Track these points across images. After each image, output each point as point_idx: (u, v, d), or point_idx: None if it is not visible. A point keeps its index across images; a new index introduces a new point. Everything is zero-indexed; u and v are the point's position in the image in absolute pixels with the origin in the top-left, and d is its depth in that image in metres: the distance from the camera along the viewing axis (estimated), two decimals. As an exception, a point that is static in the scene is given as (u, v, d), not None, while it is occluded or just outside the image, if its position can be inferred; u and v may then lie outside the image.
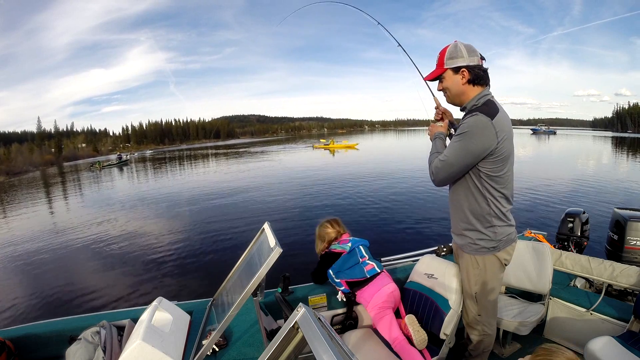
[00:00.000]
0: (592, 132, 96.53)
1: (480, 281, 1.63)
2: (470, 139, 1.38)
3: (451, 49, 1.47)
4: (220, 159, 34.80)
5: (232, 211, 9.84)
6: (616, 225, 3.07)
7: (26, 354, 1.65)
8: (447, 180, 1.53)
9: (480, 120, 1.37)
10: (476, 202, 1.50)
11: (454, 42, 1.48)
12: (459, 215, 1.60)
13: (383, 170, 17.37)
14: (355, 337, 1.90)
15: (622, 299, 2.24)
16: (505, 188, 1.48)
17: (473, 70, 1.44)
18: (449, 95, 1.55)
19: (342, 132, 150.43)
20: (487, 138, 1.36)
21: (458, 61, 1.45)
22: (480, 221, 1.52)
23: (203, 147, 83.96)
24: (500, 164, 1.43)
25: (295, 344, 0.70)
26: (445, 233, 6.58)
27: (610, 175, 13.86)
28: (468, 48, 1.45)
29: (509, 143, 1.43)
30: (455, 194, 1.58)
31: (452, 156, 1.44)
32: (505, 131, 1.40)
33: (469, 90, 1.48)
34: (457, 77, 1.46)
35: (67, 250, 7.49)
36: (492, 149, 1.38)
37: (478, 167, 1.44)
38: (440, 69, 1.50)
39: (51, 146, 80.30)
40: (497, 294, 1.69)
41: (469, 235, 1.57)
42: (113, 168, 33.34)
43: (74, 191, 19.60)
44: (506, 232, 1.54)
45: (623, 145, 36.24)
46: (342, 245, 2.06)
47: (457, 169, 1.46)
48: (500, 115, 1.40)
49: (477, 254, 1.58)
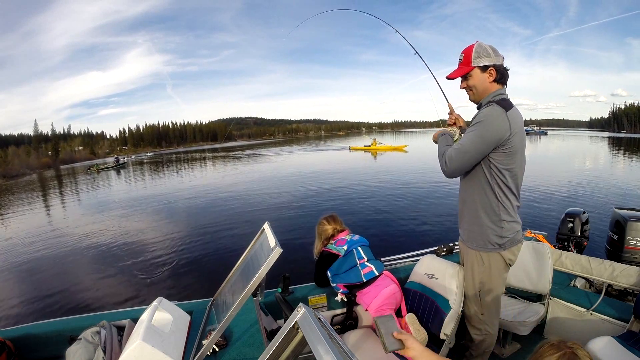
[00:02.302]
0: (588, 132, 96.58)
1: (485, 279, 1.64)
2: (485, 127, 1.43)
3: (477, 49, 1.50)
4: (221, 162, 34.76)
5: (233, 211, 9.83)
6: (616, 225, 3.07)
7: (26, 354, 1.65)
8: (460, 169, 1.54)
9: (495, 109, 1.42)
10: (485, 194, 1.53)
11: (477, 42, 1.52)
12: (468, 209, 1.62)
13: (383, 170, 17.36)
14: (355, 337, 1.90)
15: (622, 299, 2.24)
16: (514, 183, 1.52)
17: (499, 69, 1.50)
18: (473, 93, 1.58)
19: (342, 134, 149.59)
20: (501, 127, 1.41)
21: (485, 60, 1.49)
22: (488, 214, 1.55)
23: (200, 149, 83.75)
24: (511, 158, 1.47)
25: (295, 344, 0.70)
26: (445, 233, 6.59)
27: (610, 175, 13.87)
28: (492, 48, 1.50)
29: (519, 138, 1.47)
30: (466, 186, 1.62)
31: (467, 143, 1.47)
32: (518, 126, 1.45)
33: (492, 87, 1.52)
34: (484, 76, 1.51)
35: (67, 251, 7.48)
36: (505, 139, 1.43)
37: (489, 158, 1.48)
38: (468, 67, 1.52)
39: (48, 149, 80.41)
40: (500, 294, 1.70)
41: (476, 230, 1.60)
42: (111, 171, 33.18)
43: (72, 194, 19.54)
44: (513, 229, 1.57)
45: (620, 145, 36.23)
46: (338, 247, 2.03)
47: (471, 157, 1.48)
48: (514, 111, 1.45)
49: (483, 251, 1.60)
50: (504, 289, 1.74)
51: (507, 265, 1.62)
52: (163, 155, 62.57)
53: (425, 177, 13.94)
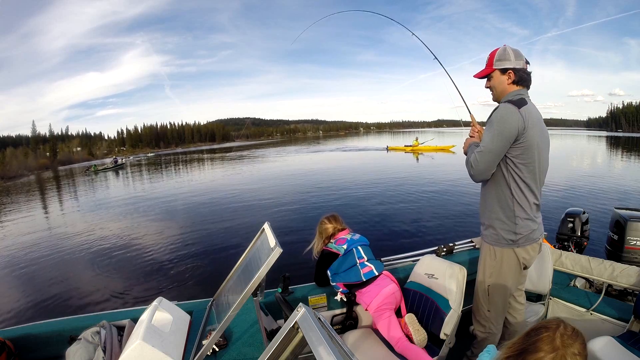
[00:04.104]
0: (586, 131, 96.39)
1: (495, 274, 1.67)
2: (501, 123, 1.50)
3: (500, 52, 1.59)
4: (221, 162, 34.74)
5: (233, 211, 9.83)
6: (616, 225, 3.07)
7: (26, 354, 1.65)
8: (487, 170, 1.58)
9: (507, 106, 1.51)
10: (501, 190, 1.58)
11: (503, 46, 1.60)
12: (487, 204, 1.67)
13: (383, 170, 17.36)
14: (355, 337, 1.90)
15: (622, 299, 2.24)
16: (532, 179, 1.54)
17: (518, 72, 1.56)
18: (494, 93, 1.66)
19: (342, 134, 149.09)
20: (515, 121, 1.47)
21: (505, 63, 1.57)
22: (503, 209, 1.59)
23: (199, 150, 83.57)
24: (526, 152, 1.50)
25: (295, 344, 0.71)
26: (445, 233, 6.59)
27: (610, 175, 13.86)
28: (515, 52, 1.57)
29: (535, 133, 1.50)
30: (485, 182, 1.66)
31: (488, 143, 1.53)
32: (532, 121, 1.49)
33: (511, 88, 1.60)
34: (503, 78, 1.59)
35: (67, 251, 7.47)
36: (520, 132, 1.48)
37: (506, 153, 1.53)
38: (490, 68, 1.62)
39: (46, 150, 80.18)
40: (508, 293, 1.71)
41: (492, 225, 1.64)
42: (109, 172, 32.97)
43: (72, 195, 19.48)
44: (528, 227, 1.57)
45: (618, 145, 36.18)
46: (338, 246, 2.04)
47: (495, 155, 1.53)
48: (528, 107, 1.50)
49: (497, 246, 1.64)
50: (514, 289, 1.74)
51: (520, 263, 1.64)
52: (161, 157, 62.39)
53: (425, 177, 13.95)
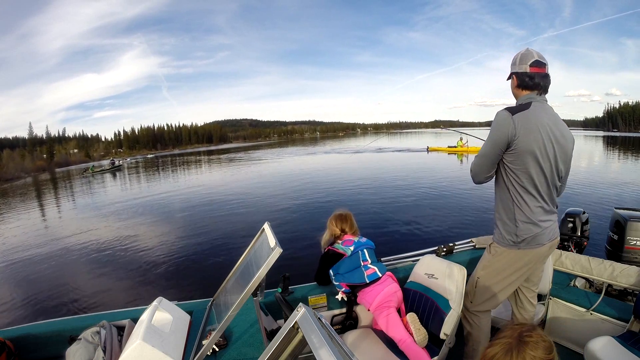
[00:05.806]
0: (583, 131, 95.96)
1: (488, 268, 1.70)
2: (492, 129, 1.56)
3: (514, 57, 1.64)
4: (220, 164, 34.73)
5: (232, 211, 9.83)
6: (616, 225, 3.07)
7: (26, 354, 1.65)
8: (481, 172, 1.64)
9: (500, 114, 1.54)
10: (503, 192, 1.63)
11: (524, 49, 1.62)
12: (495, 204, 1.72)
13: (383, 170, 17.36)
14: (355, 337, 1.90)
15: (622, 299, 2.23)
16: (531, 185, 1.55)
17: (520, 76, 1.59)
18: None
19: (341, 135, 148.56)
20: (505, 127, 1.50)
21: (512, 67, 1.63)
22: (505, 211, 1.63)
23: (196, 151, 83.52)
24: (519, 159, 1.52)
25: (295, 344, 0.70)
26: (445, 233, 6.59)
27: (610, 175, 13.86)
28: (523, 55, 1.59)
29: (530, 139, 1.48)
30: (494, 185, 1.72)
31: (483, 148, 1.61)
32: (529, 127, 1.48)
33: (519, 93, 1.63)
34: (512, 82, 1.66)
35: (67, 252, 7.48)
36: (510, 140, 1.49)
37: (503, 160, 1.58)
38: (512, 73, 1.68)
39: (43, 152, 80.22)
40: (497, 291, 1.70)
41: (497, 224, 1.69)
42: (107, 173, 32.87)
43: (69, 196, 19.46)
44: (530, 230, 1.57)
45: (616, 144, 36.11)
46: (345, 247, 2.04)
47: (487, 160, 1.60)
48: (525, 113, 1.50)
49: (499, 243, 1.67)
50: (510, 291, 1.73)
51: (519, 265, 1.63)
52: (158, 158, 62.29)
53: (426, 177, 13.95)
